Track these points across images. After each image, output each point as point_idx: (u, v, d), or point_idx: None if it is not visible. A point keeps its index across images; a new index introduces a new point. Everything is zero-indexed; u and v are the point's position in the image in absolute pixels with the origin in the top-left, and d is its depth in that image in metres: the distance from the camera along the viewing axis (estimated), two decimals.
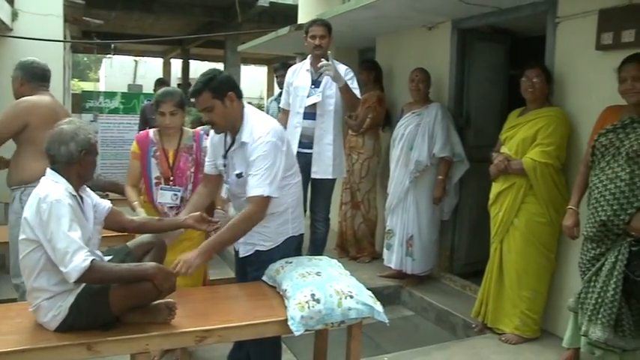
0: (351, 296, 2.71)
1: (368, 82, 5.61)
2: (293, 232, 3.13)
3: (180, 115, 3.59)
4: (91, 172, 2.65)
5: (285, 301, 2.75)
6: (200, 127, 3.80)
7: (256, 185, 2.83)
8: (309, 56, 4.69)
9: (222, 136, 3.11)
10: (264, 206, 2.87)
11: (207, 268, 4.07)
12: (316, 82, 4.55)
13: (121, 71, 26.96)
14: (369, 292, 2.83)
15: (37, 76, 3.92)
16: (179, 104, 3.53)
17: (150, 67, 27.39)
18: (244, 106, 3.01)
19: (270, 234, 3.05)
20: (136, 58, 27.15)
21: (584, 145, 3.49)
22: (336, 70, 4.31)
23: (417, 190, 4.84)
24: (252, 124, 2.94)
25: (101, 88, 27.94)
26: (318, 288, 2.70)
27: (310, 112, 4.54)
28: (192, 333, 2.53)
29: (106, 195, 4.35)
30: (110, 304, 2.42)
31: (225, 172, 3.14)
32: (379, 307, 2.77)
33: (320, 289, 2.69)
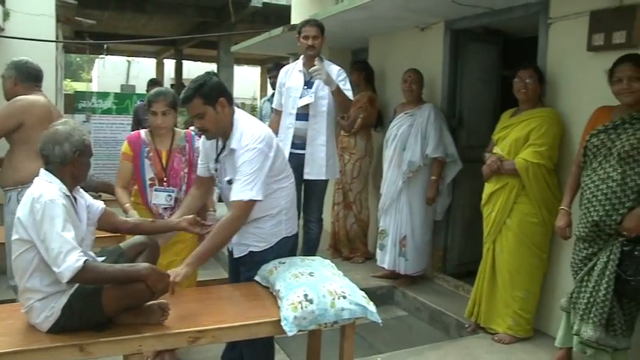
0: (344, 296, 2.71)
1: (359, 82, 5.62)
2: (286, 233, 3.13)
3: (172, 116, 3.58)
4: (85, 173, 2.65)
5: (279, 302, 2.75)
6: (192, 127, 3.79)
7: (239, 190, 2.82)
8: (301, 57, 4.68)
9: (213, 141, 3.10)
10: (246, 211, 2.85)
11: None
12: (309, 83, 4.52)
13: (114, 71, 26.87)
14: (362, 293, 2.84)
15: (31, 76, 3.91)
16: (171, 104, 3.52)
17: (143, 68, 27.33)
18: (235, 112, 3.00)
19: (264, 235, 3.05)
20: (129, 58, 27.09)
21: (576, 146, 3.50)
22: (328, 74, 4.30)
23: (410, 191, 4.85)
24: (241, 130, 2.93)
25: (94, 88, 27.83)
26: (311, 288, 2.70)
27: (303, 113, 4.52)
28: (186, 334, 2.53)
29: (99, 196, 4.35)
30: (103, 305, 2.42)
31: (217, 176, 3.14)
32: (372, 307, 2.77)
33: (313, 289, 2.69)
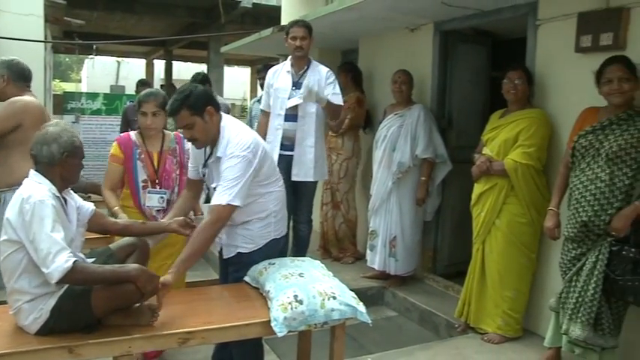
0: (334, 297, 2.71)
1: (346, 84, 5.60)
2: (275, 235, 3.12)
3: (163, 117, 3.55)
4: (75, 175, 2.62)
5: (268, 303, 2.74)
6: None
7: (219, 194, 2.81)
8: (289, 57, 4.67)
9: None
10: (223, 215, 2.82)
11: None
12: (297, 84, 4.51)
13: (103, 72, 26.79)
14: (352, 293, 2.84)
15: (23, 76, 3.91)
16: (161, 105, 3.49)
17: (132, 68, 27.28)
18: (222, 119, 2.99)
19: (252, 236, 3.05)
20: (119, 58, 27.04)
21: (564, 146, 3.51)
22: (318, 94, 4.32)
23: (399, 192, 4.86)
24: (228, 137, 2.91)
25: (83, 89, 27.74)
26: (301, 289, 2.70)
27: (292, 114, 4.51)
28: (175, 335, 2.52)
29: (88, 197, 4.32)
30: (92, 306, 2.40)
31: (206, 181, 3.15)
32: (362, 307, 2.78)
33: (303, 290, 2.69)
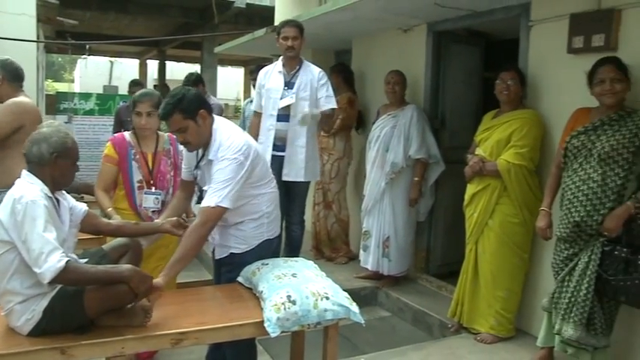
0: (327, 297, 2.71)
1: (338, 85, 5.60)
2: (268, 236, 3.11)
3: (157, 117, 3.55)
4: (67, 177, 2.59)
5: (262, 303, 2.74)
6: None
7: (209, 195, 2.81)
8: (280, 58, 4.67)
9: None
10: (212, 216, 2.81)
11: None
12: (289, 84, 4.52)
13: (97, 72, 26.72)
14: (345, 294, 2.84)
15: (17, 76, 3.89)
16: (156, 105, 3.46)
17: (126, 69, 27.21)
18: (214, 121, 2.98)
19: (245, 237, 3.04)
20: (112, 59, 26.97)
21: (556, 147, 3.53)
22: (313, 115, 4.41)
23: (393, 192, 4.87)
24: (220, 140, 2.90)
25: (76, 89, 27.65)
26: (294, 289, 2.69)
27: (284, 114, 4.51)
28: (168, 335, 2.51)
29: (81, 197, 4.31)
30: (85, 307, 2.39)
31: (199, 183, 3.15)
32: (355, 308, 2.77)
33: (296, 290, 2.69)
